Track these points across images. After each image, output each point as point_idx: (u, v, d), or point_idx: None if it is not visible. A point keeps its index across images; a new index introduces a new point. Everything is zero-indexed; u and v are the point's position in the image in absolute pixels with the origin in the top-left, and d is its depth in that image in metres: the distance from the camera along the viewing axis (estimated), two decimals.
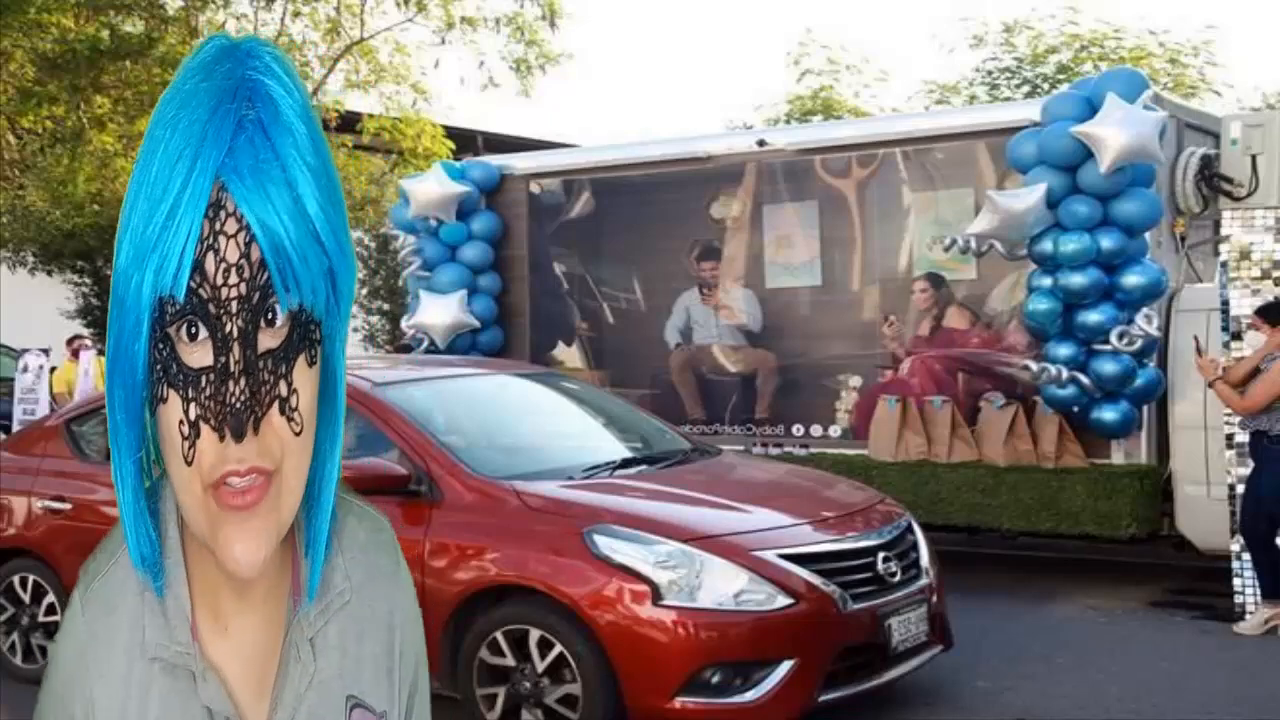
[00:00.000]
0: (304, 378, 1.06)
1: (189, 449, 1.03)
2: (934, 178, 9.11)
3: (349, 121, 19.87)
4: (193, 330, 1.02)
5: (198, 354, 1.03)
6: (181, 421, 1.03)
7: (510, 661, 5.23)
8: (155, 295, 1.01)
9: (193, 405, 1.02)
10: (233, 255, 1.01)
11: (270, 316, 1.03)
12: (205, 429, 1.02)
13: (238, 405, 1.02)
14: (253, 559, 1.05)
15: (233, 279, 1.01)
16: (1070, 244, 7.91)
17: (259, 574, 1.08)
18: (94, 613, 1.14)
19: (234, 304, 1.02)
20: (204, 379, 1.02)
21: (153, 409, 1.05)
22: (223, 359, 1.02)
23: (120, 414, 1.07)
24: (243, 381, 1.02)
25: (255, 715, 1.15)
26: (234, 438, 1.02)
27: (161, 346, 1.03)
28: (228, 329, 1.02)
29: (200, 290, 1.01)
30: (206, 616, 1.13)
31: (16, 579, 6.67)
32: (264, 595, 1.14)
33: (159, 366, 1.04)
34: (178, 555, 1.12)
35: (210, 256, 1.01)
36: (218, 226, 1.01)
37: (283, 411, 1.04)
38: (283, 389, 1.04)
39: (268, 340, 1.04)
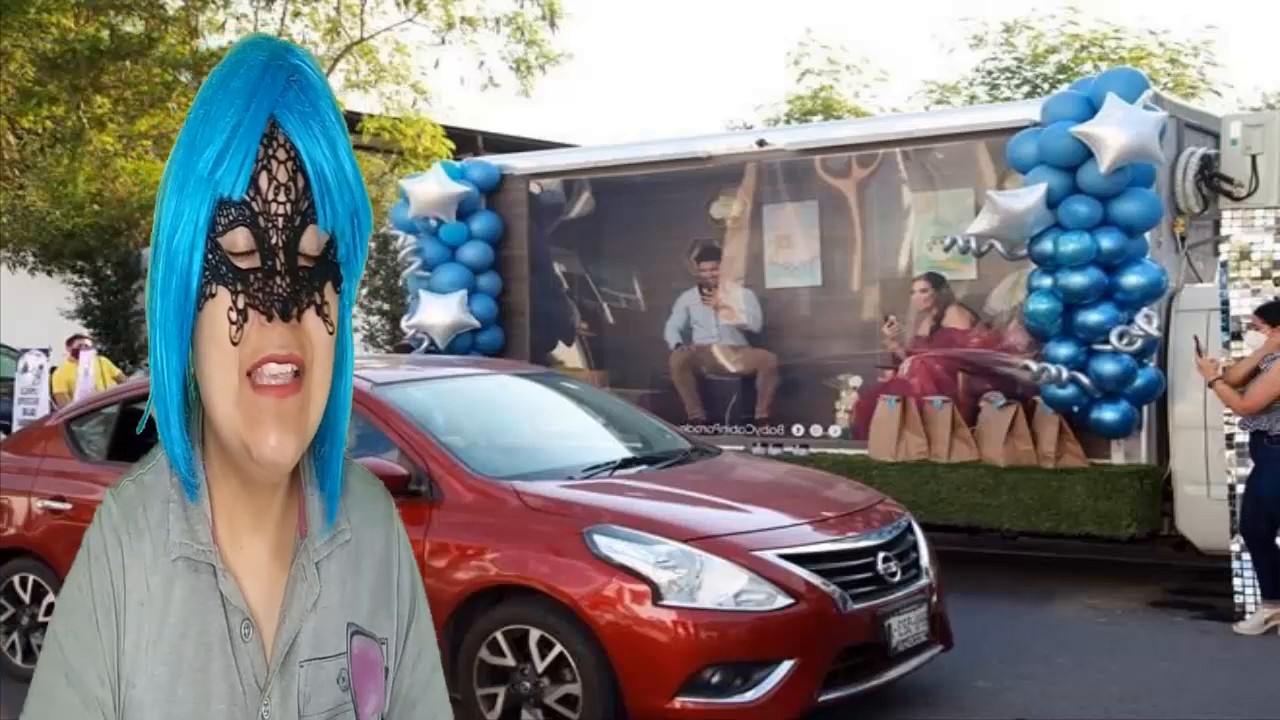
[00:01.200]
0: (331, 300, 1.23)
1: (236, 331, 1.18)
2: (934, 178, 9.11)
3: (349, 122, 19.77)
4: (243, 241, 1.19)
5: (247, 261, 1.19)
6: (230, 308, 1.19)
7: (510, 661, 5.23)
8: (216, 196, 1.18)
9: (241, 296, 1.19)
10: (282, 176, 1.19)
11: (310, 220, 1.20)
12: (253, 314, 1.18)
13: (284, 294, 1.19)
14: (284, 453, 1.20)
15: (280, 196, 1.19)
16: (1070, 244, 7.91)
17: (288, 470, 1.22)
18: (125, 507, 1.26)
19: (280, 219, 1.19)
20: (252, 276, 1.19)
21: (200, 305, 1.20)
22: (270, 261, 1.19)
23: (172, 306, 1.20)
24: (288, 279, 1.19)
25: (264, 626, 1.27)
26: (281, 318, 1.18)
27: (211, 256, 1.19)
28: (273, 240, 1.19)
29: (253, 203, 1.18)
30: (225, 531, 1.26)
31: (16, 579, 6.67)
32: (275, 524, 1.28)
33: (209, 270, 1.19)
34: (201, 477, 1.26)
35: (264, 175, 1.18)
36: (271, 151, 1.19)
37: (319, 313, 1.21)
38: (318, 297, 1.21)
39: (304, 259, 1.21)
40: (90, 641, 1.22)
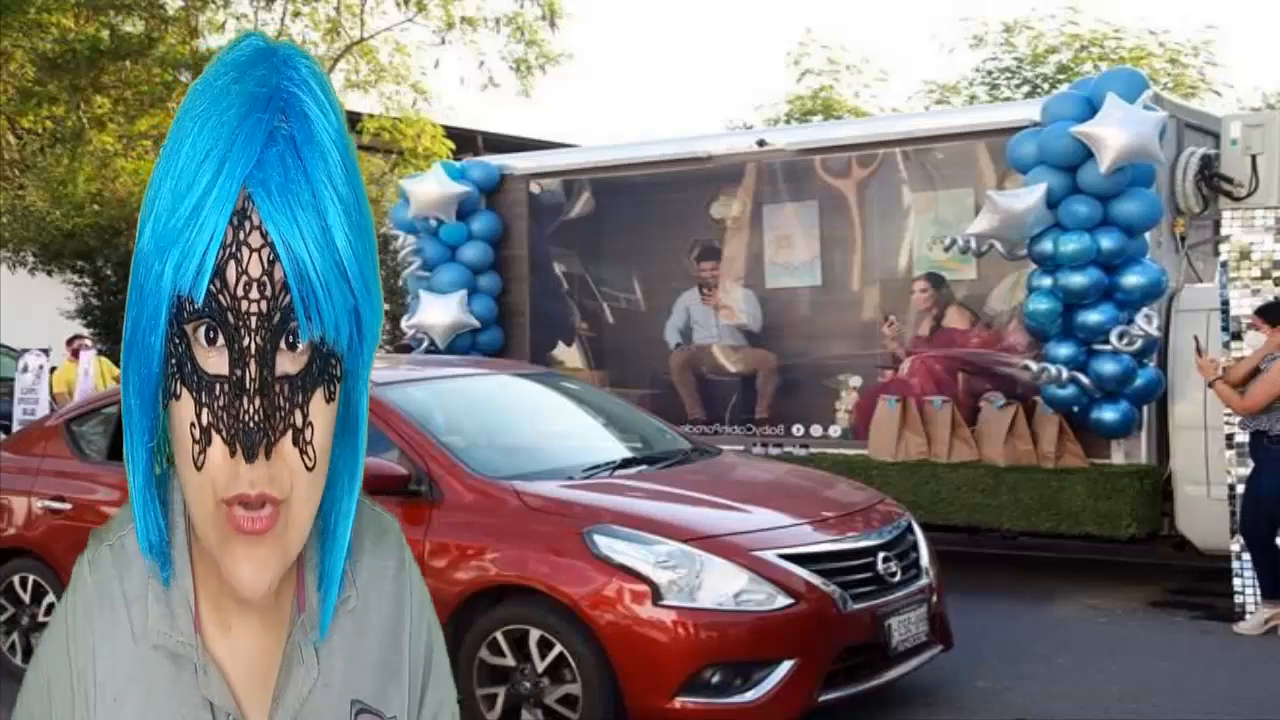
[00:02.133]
0: (320, 412, 1.04)
1: (199, 453, 1.01)
2: (934, 178, 9.10)
3: (349, 121, 19.80)
4: (211, 335, 1.01)
5: (214, 360, 1.01)
6: (193, 425, 1.01)
7: (510, 661, 5.23)
8: (174, 290, 1.00)
9: (205, 411, 1.01)
10: (255, 270, 0.99)
11: (291, 340, 1.01)
12: (217, 439, 1.01)
13: (251, 424, 1.00)
14: (259, 584, 1.05)
15: (254, 294, 0.99)
16: (1070, 244, 7.91)
17: (265, 597, 1.07)
18: (101, 577, 1.13)
19: (253, 319, 1.00)
20: (219, 387, 1.01)
21: (165, 401, 1.04)
22: (239, 372, 1.00)
23: (134, 399, 1.06)
24: (258, 401, 1.00)
25: (257, 715, 1.13)
26: (245, 457, 1.00)
27: (178, 341, 1.01)
28: (245, 343, 1.00)
29: (220, 297, 0.99)
30: (210, 612, 1.12)
31: (16, 579, 6.67)
32: (268, 598, 1.13)
33: (174, 361, 1.02)
34: (184, 549, 1.11)
35: (232, 265, 0.99)
36: (241, 236, 0.99)
37: (296, 442, 1.02)
38: (298, 419, 1.02)
39: (286, 365, 1.02)
40: None
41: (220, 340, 1.00)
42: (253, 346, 1.00)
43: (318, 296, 1.00)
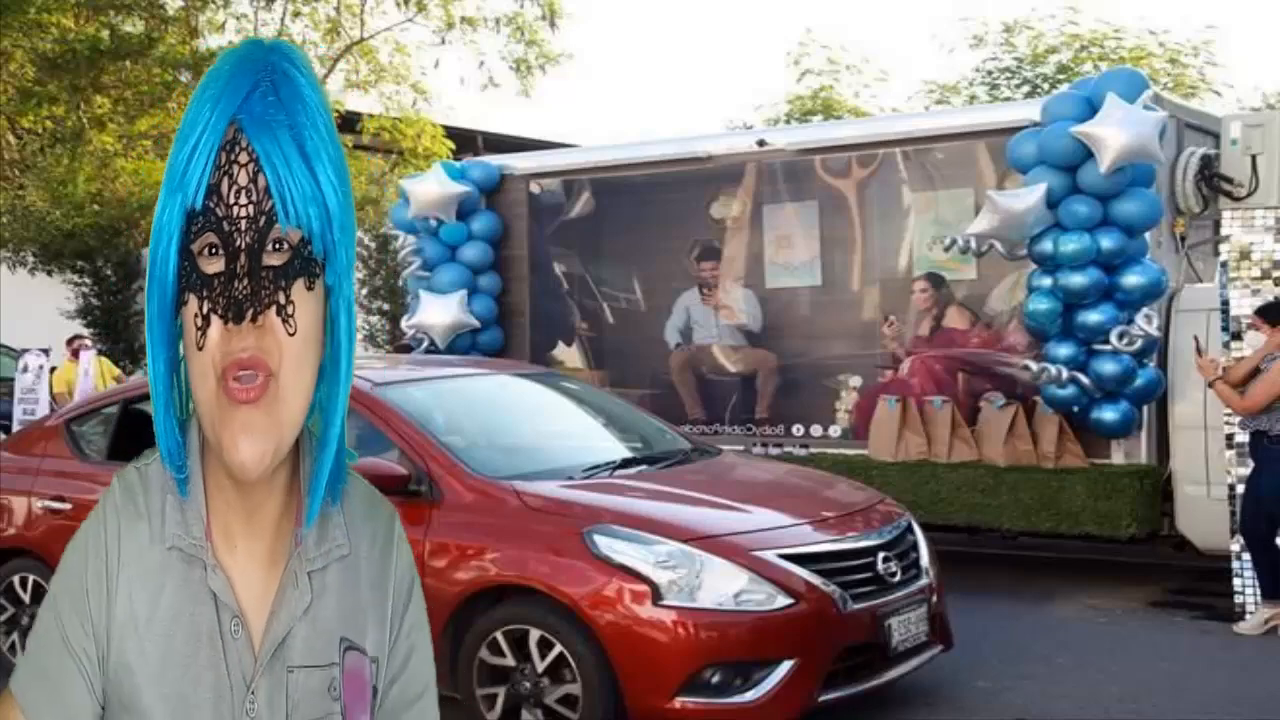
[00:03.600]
0: (302, 298, 1.23)
1: (200, 336, 1.21)
2: (934, 178, 9.11)
3: (349, 122, 19.86)
4: (212, 250, 1.22)
5: (213, 265, 1.22)
6: (196, 315, 1.22)
7: (510, 661, 5.23)
8: (184, 212, 1.22)
9: (205, 301, 1.22)
10: (243, 179, 1.21)
11: (277, 244, 1.22)
12: (215, 320, 1.21)
13: (240, 297, 1.20)
14: (255, 456, 1.21)
15: (242, 199, 1.21)
16: (1070, 244, 7.91)
17: (260, 477, 1.23)
18: (126, 491, 1.31)
19: (243, 222, 1.21)
20: (216, 281, 1.21)
21: (177, 312, 1.24)
22: (233, 265, 1.21)
23: (155, 312, 1.25)
24: (246, 281, 1.21)
25: (254, 626, 1.29)
26: (234, 320, 1.20)
27: (186, 262, 1.23)
28: (237, 243, 1.21)
29: (217, 209, 1.21)
30: (218, 530, 1.29)
31: (16, 579, 6.66)
32: (271, 529, 1.30)
33: (183, 278, 1.23)
34: (198, 477, 1.29)
35: (225, 181, 1.21)
36: (232, 157, 1.21)
37: (279, 314, 1.21)
38: (281, 297, 1.22)
39: (272, 259, 1.22)
40: (79, 599, 1.27)
41: (218, 251, 1.21)
42: (243, 244, 1.21)
43: (292, 191, 1.21)
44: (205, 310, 1.21)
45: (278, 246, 1.22)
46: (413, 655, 1.40)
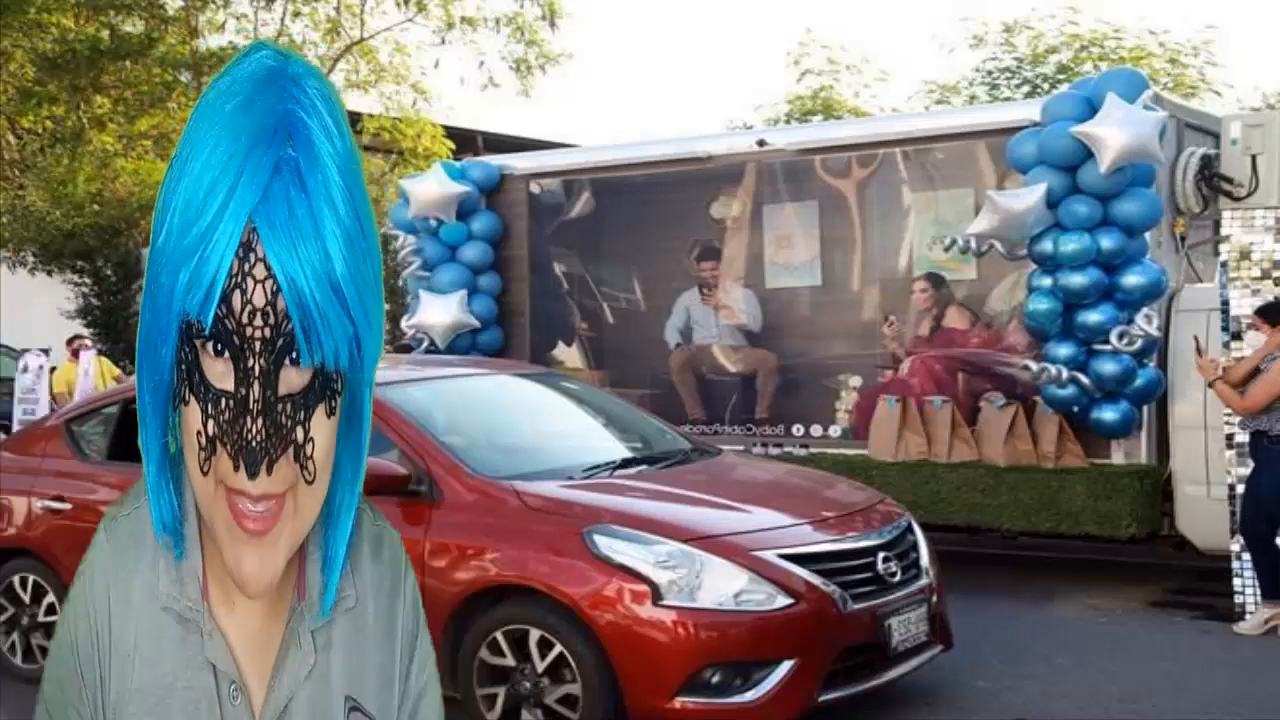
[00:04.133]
0: (321, 426, 1.10)
1: (205, 460, 1.08)
2: (934, 178, 9.10)
3: (349, 122, 19.86)
4: (218, 348, 1.07)
5: (220, 371, 1.08)
6: (199, 433, 1.08)
7: (510, 661, 5.23)
8: (184, 311, 1.06)
9: (211, 422, 1.07)
10: (259, 300, 1.05)
11: (294, 358, 1.07)
12: (223, 451, 1.08)
13: (254, 444, 1.06)
14: (261, 581, 1.12)
15: (258, 321, 1.05)
16: (1070, 244, 7.91)
17: (267, 591, 1.14)
18: (117, 544, 1.20)
19: (258, 344, 1.06)
20: (224, 401, 1.07)
21: (175, 404, 1.11)
22: (243, 392, 1.07)
23: (148, 400, 1.13)
24: (260, 421, 1.07)
25: (254, 691, 1.20)
26: (248, 473, 1.07)
27: (187, 351, 1.08)
28: (250, 364, 1.06)
29: (226, 321, 1.05)
30: (216, 587, 1.19)
31: (16, 579, 6.67)
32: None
33: (184, 367, 1.09)
34: (194, 527, 1.18)
35: (238, 294, 1.05)
36: (246, 268, 1.05)
37: (297, 458, 1.09)
38: (299, 435, 1.09)
39: (289, 384, 1.08)
40: (73, 691, 1.19)
41: (226, 364, 1.07)
42: (257, 369, 1.06)
43: (317, 326, 1.06)
44: (211, 433, 1.07)
45: (296, 361, 1.08)
46: (422, 700, 1.32)
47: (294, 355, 1.07)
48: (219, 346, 1.06)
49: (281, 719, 1.21)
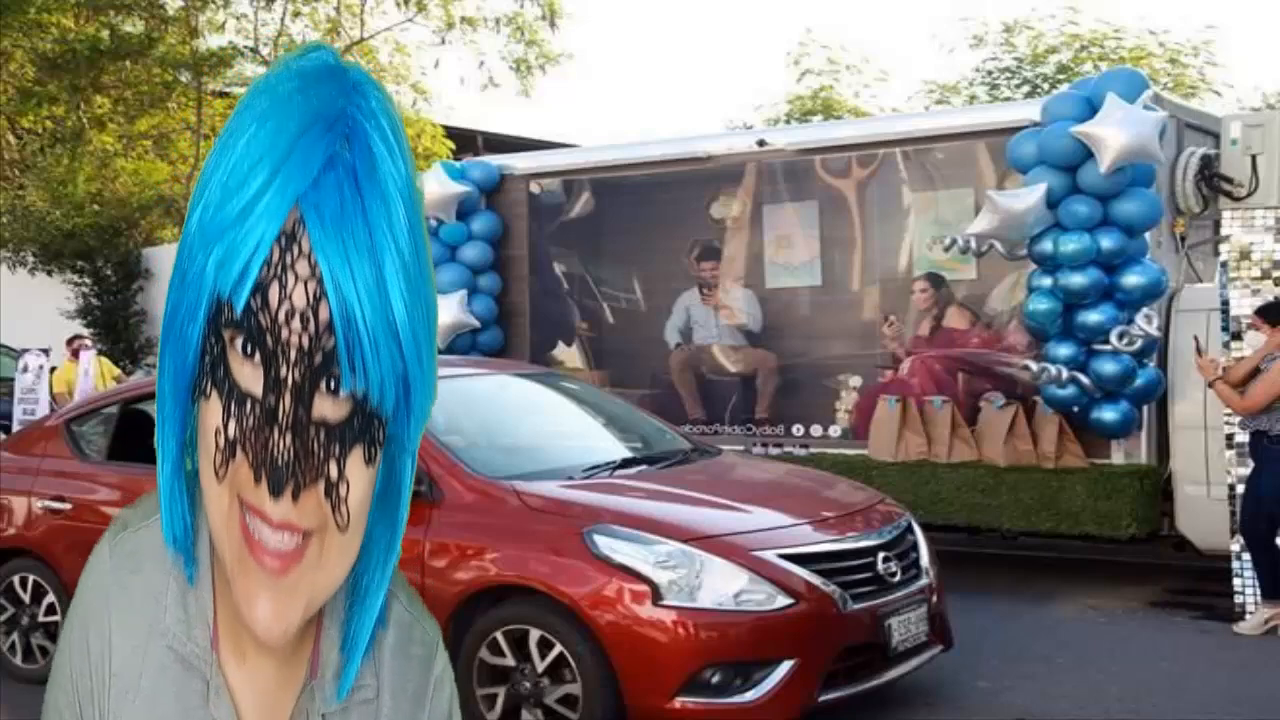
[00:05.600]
0: (358, 472, 0.96)
1: (221, 463, 0.95)
2: (934, 178, 9.10)
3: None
4: (248, 348, 0.93)
5: (248, 373, 0.94)
6: (218, 431, 0.94)
7: (510, 661, 5.23)
8: (215, 289, 0.93)
9: (233, 423, 0.94)
10: (299, 300, 0.92)
11: (331, 385, 0.93)
12: (243, 457, 0.94)
13: (280, 461, 0.93)
14: (275, 629, 0.98)
15: (295, 325, 0.92)
16: (1070, 244, 7.91)
17: (282, 643, 1.00)
18: (120, 563, 1.06)
19: (293, 352, 0.92)
20: (250, 404, 0.93)
21: (195, 396, 0.97)
22: (272, 400, 0.93)
23: (168, 386, 0.99)
24: (289, 437, 0.93)
25: None
26: (270, 490, 0.93)
27: (214, 341, 0.94)
28: (282, 373, 0.93)
29: (260, 316, 0.92)
30: (227, 634, 1.05)
31: (16, 579, 6.67)
32: (286, 646, 1.04)
33: (209, 359, 0.95)
34: (207, 557, 1.04)
35: (275, 286, 0.91)
36: (288, 260, 0.91)
37: (329, 495, 0.95)
38: (332, 471, 0.95)
39: (325, 409, 0.94)
40: (74, 713, 1.07)
41: (258, 357, 0.93)
42: (289, 380, 0.93)
43: (364, 349, 0.92)
44: (232, 436, 0.93)
45: (333, 390, 0.94)
46: None
47: (333, 381, 0.93)
48: (249, 346, 0.92)
49: None
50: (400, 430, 0.99)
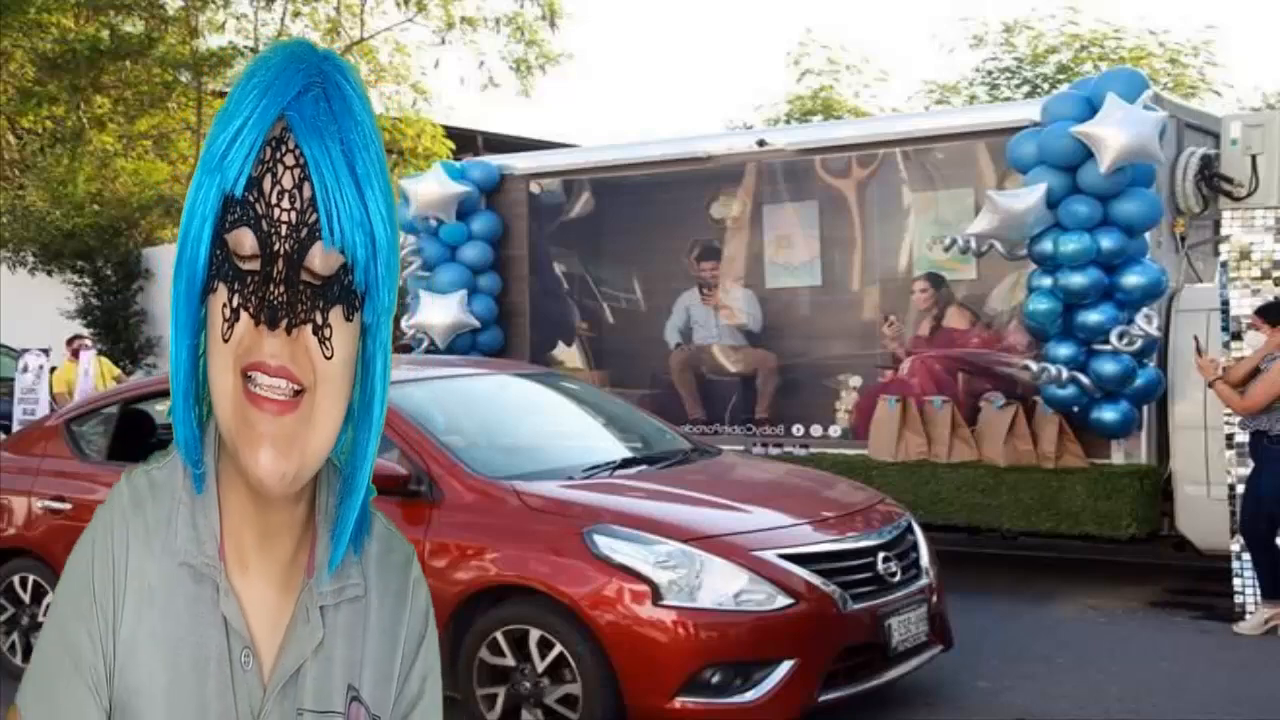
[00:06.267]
0: (340, 326, 1.17)
1: (227, 328, 1.15)
2: (934, 178, 9.10)
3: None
4: (248, 233, 1.15)
5: (249, 263, 1.15)
6: (225, 305, 1.15)
7: (510, 661, 5.23)
8: (221, 196, 1.15)
9: (236, 295, 1.15)
10: (287, 182, 1.14)
11: (314, 254, 1.15)
12: (244, 315, 1.14)
13: (275, 302, 1.14)
14: (276, 471, 1.15)
15: (285, 203, 1.14)
16: (1070, 244, 7.91)
17: (280, 495, 1.17)
18: (135, 496, 1.23)
19: (284, 227, 1.14)
20: (250, 278, 1.15)
21: (204, 298, 1.18)
22: (269, 267, 1.14)
23: (181, 296, 1.18)
24: (282, 287, 1.14)
25: (263, 659, 1.23)
26: (267, 325, 1.13)
27: (219, 251, 1.16)
28: (275, 247, 1.14)
29: (257, 205, 1.14)
30: (231, 549, 1.22)
31: (16, 579, 6.67)
32: (285, 555, 1.24)
33: (214, 264, 1.16)
34: (212, 483, 1.22)
35: (268, 178, 1.14)
36: (278, 156, 1.14)
37: (315, 333, 1.15)
38: (318, 317, 1.16)
39: (310, 276, 1.15)
40: (86, 613, 1.19)
41: (255, 249, 1.15)
42: (281, 250, 1.14)
43: (339, 212, 1.14)
44: (235, 304, 1.14)
45: (314, 257, 1.16)
46: (416, 706, 1.33)
47: (316, 247, 1.15)
48: (249, 228, 1.14)
49: (287, 689, 1.23)
50: (374, 318, 1.20)
